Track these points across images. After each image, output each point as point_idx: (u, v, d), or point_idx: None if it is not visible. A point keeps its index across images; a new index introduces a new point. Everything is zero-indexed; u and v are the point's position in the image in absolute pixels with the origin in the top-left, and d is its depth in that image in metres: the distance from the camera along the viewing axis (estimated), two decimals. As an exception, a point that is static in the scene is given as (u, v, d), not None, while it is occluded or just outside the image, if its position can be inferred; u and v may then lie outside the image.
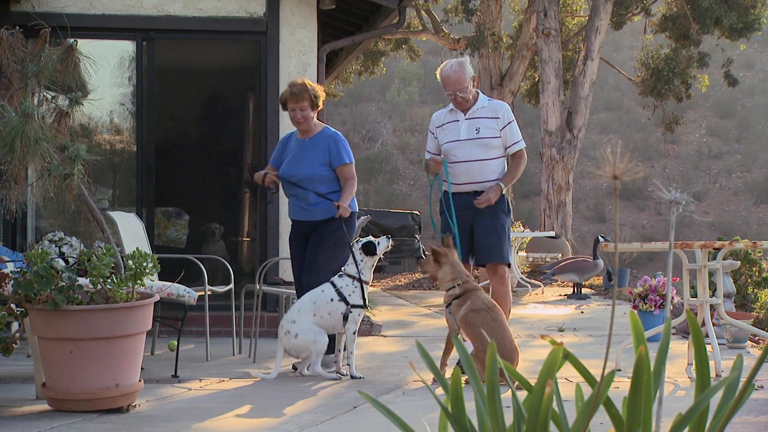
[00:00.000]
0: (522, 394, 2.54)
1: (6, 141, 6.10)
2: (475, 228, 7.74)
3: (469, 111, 7.80)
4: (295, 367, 7.65)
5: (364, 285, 7.53)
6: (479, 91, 7.92)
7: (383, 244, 7.73)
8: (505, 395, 2.53)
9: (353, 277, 7.52)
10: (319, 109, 8.11)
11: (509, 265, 7.88)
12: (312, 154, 7.98)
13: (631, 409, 2.35)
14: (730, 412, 2.33)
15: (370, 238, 7.78)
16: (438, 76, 7.91)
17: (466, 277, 7.19)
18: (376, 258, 7.71)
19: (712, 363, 6.73)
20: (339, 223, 7.83)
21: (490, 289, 7.79)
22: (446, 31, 25.51)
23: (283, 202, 9.28)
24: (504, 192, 7.75)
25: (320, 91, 8.04)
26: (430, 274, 7.42)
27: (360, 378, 7.30)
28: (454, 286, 7.12)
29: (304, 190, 7.90)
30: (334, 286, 7.50)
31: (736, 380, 2.45)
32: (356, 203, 8.31)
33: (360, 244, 7.69)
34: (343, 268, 7.61)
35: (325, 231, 7.91)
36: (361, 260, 7.59)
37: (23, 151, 6.08)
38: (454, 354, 7.03)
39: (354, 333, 7.44)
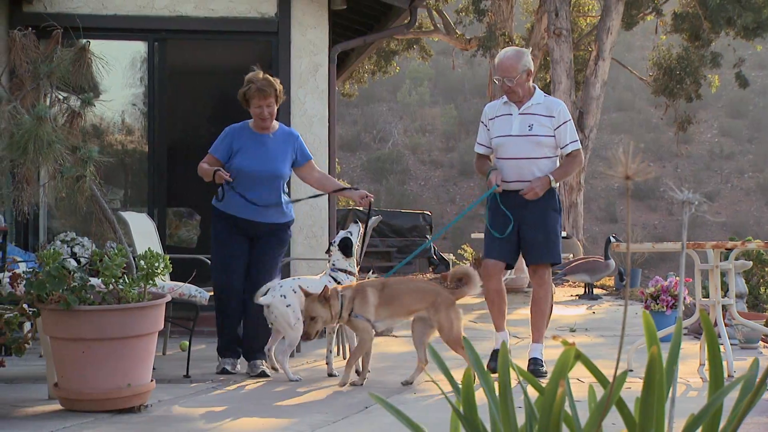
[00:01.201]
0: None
1: (20, 144, 6.11)
2: (522, 227, 7.54)
3: (523, 106, 7.59)
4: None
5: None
6: (536, 86, 7.76)
7: (354, 232, 7.73)
8: (518, 396, 2.53)
9: (347, 272, 7.57)
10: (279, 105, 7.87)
11: (554, 265, 7.78)
12: (279, 151, 7.76)
13: (644, 410, 2.34)
14: (743, 411, 2.33)
15: (342, 233, 7.73)
16: (495, 62, 7.82)
17: (336, 288, 7.07)
18: (356, 249, 7.67)
19: (724, 363, 6.72)
20: (286, 227, 7.83)
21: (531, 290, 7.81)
22: (457, 31, 25.49)
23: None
24: (554, 186, 7.54)
25: (280, 86, 7.78)
26: (324, 328, 7.23)
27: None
28: (342, 296, 6.95)
29: (267, 191, 7.63)
30: (335, 279, 7.48)
31: (752, 380, 2.44)
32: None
33: (336, 244, 7.67)
34: (332, 263, 7.63)
35: (278, 233, 7.76)
36: (341, 257, 7.62)
37: (36, 154, 6.10)
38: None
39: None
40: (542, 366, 7.54)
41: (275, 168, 7.66)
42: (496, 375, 2.55)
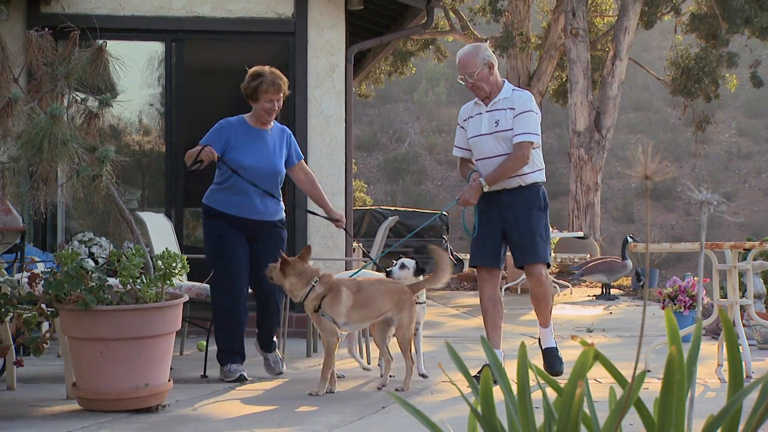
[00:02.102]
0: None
1: (34, 142, 6.12)
2: (507, 228, 7.19)
3: (490, 103, 7.25)
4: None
5: None
6: (505, 81, 7.40)
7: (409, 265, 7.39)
8: (535, 396, 2.52)
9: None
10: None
11: (548, 265, 7.29)
12: (277, 147, 7.56)
13: (663, 411, 2.33)
14: (763, 413, 2.32)
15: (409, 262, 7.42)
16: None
17: (319, 273, 6.71)
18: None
19: (742, 364, 6.71)
20: (283, 224, 7.68)
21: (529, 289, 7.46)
22: (474, 31, 25.47)
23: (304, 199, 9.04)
24: (538, 181, 7.23)
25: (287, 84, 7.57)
26: (278, 283, 6.82)
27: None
28: (313, 286, 6.62)
29: (266, 189, 7.41)
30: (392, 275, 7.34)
31: (771, 381, 2.42)
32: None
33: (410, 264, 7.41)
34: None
35: (276, 230, 7.56)
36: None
37: (51, 152, 6.11)
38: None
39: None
40: (557, 353, 7.44)
41: (275, 164, 7.48)
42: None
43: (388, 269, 7.39)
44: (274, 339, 7.68)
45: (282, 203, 7.64)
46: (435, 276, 6.91)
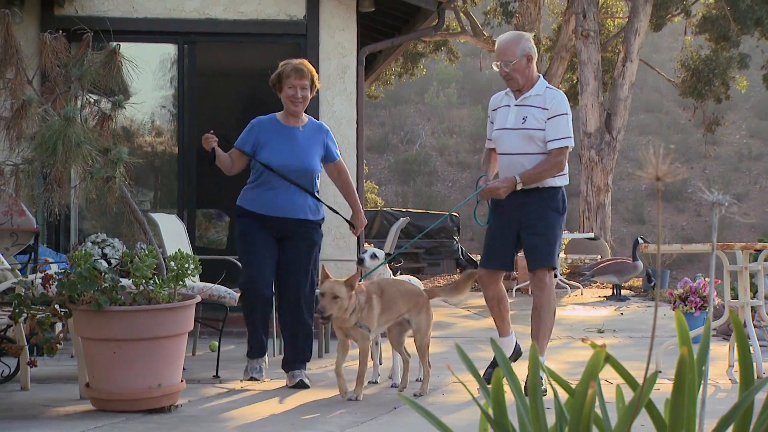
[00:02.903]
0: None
1: (48, 144, 6.14)
2: (522, 231, 6.87)
3: (521, 97, 6.87)
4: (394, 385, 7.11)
5: None
6: (540, 76, 6.97)
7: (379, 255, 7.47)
8: (547, 397, 2.52)
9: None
10: (312, 96, 7.43)
11: (553, 269, 6.92)
12: (311, 144, 7.27)
13: (674, 412, 2.33)
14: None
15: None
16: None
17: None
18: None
19: (753, 365, 6.69)
20: (317, 225, 7.36)
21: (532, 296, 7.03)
22: (485, 33, 25.46)
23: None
24: (561, 185, 6.88)
25: (317, 74, 7.34)
26: (341, 313, 6.29)
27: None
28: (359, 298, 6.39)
29: (298, 188, 7.15)
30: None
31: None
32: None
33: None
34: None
35: (308, 232, 7.25)
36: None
37: (65, 154, 6.12)
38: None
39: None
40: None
41: (306, 162, 7.18)
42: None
43: (359, 257, 7.46)
44: (308, 353, 7.28)
45: (317, 204, 7.32)
46: (453, 290, 6.90)
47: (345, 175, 7.55)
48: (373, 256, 7.38)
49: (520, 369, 4.78)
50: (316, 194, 7.29)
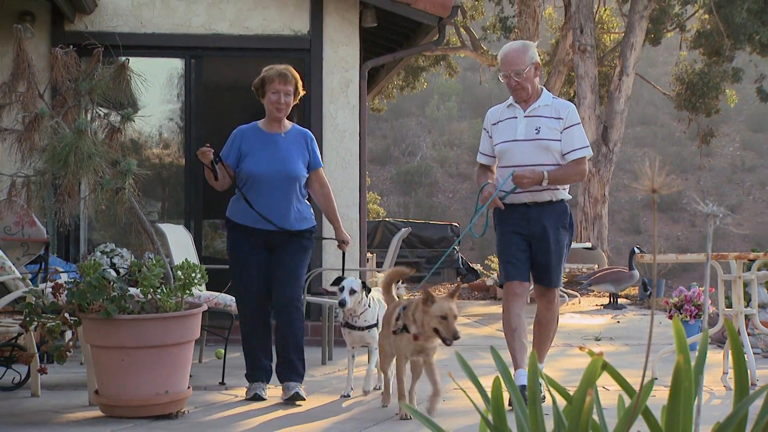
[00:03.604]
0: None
1: (60, 156, 6.15)
2: (534, 245, 6.55)
3: (529, 108, 6.58)
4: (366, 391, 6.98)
5: (339, 310, 6.91)
6: (543, 88, 6.74)
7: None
8: (545, 404, 2.52)
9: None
10: (295, 103, 7.01)
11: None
12: (293, 150, 6.81)
13: (671, 418, 2.32)
14: (768, 421, 2.31)
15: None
16: (498, 58, 6.77)
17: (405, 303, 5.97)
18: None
19: (747, 372, 6.69)
20: (308, 234, 6.87)
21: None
22: (484, 47, 25.48)
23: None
24: (566, 198, 6.62)
25: (300, 80, 6.96)
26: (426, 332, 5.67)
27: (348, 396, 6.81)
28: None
29: (281, 195, 6.70)
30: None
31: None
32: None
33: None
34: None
35: (298, 240, 6.77)
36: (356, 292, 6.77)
37: (77, 165, 6.13)
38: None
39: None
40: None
41: (288, 169, 6.72)
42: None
43: (338, 300, 6.74)
44: (297, 369, 6.78)
45: (308, 212, 6.89)
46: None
47: (327, 189, 7.03)
48: (352, 292, 6.72)
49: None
50: (306, 201, 6.89)
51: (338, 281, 6.81)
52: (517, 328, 6.46)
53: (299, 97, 6.97)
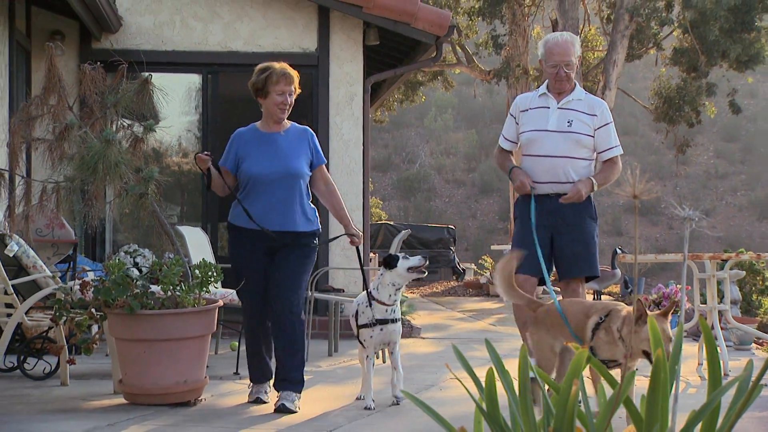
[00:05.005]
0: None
1: (90, 164, 6.15)
2: (558, 237, 6.01)
3: (563, 99, 6.11)
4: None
5: (373, 302, 5.96)
6: (576, 82, 6.24)
7: (412, 261, 5.91)
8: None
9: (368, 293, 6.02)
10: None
11: (595, 277, 6.16)
12: (294, 148, 6.13)
13: (650, 407, 2.33)
14: (741, 408, 2.31)
15: (399, 254, 6.06)
16: (541, 48, 6.21)
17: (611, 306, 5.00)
18: (397, 275, 5.91)
19: (720, 363, 6.69)
20: (311, 236, 6.16)
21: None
22: (477, 63, 25.49)
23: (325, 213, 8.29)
24: (595, 190, 6.06)
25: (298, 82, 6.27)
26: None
27: (368, 407, 5.86)
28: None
29: (287, 196, 6.04)
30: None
31: (748, 379, 2.42)
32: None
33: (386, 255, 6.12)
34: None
35: (301, 244, 6.07)
36: (381, 273, 6.02)
37: (104, 172, 6.14)
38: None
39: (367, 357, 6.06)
40: None
41: (289, 166, 6.04)
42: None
43: (414, 264, 5.93)
44: (292, 379, 6.01)
45: (313, 213, 6.19)
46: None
47: (332, 186, 6.32)
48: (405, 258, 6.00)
49: (512, 366, 4.79)
50: (310, 203, 6.20)
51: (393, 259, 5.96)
52: (526, 323, 5.88)
53: (297, 94, 6.29)
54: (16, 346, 7.17)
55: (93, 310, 6.03)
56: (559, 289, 6.39)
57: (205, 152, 6.22)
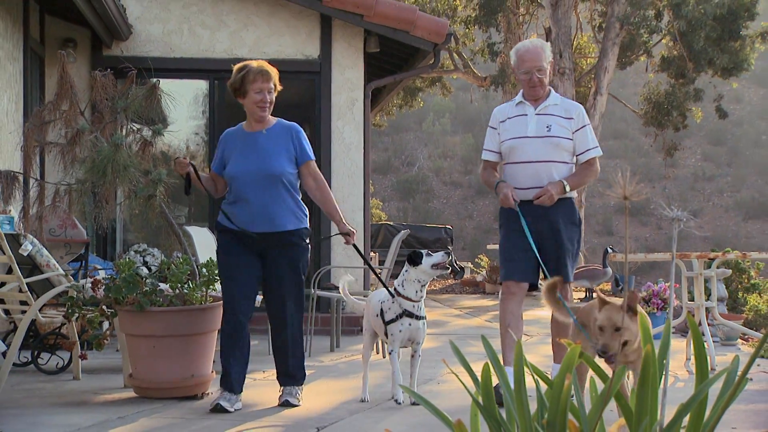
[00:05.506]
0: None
1: (99, 167, 6.15)
2: (543, 242, 5.82)
3: (540, 105, 5.98)
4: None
5: (399, 298, 5.78)
6: (551, 88, 6.11)
7: (435, 258, 5.74)
8: (528, 387, 2.51)
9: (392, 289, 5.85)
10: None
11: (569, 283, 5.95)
12: (276, 147, 5.77)
13: (640, 400, 2.32)
14: (727, 401, 2.31)
15: (422, 251, 5.80)
16: (513, 57, 6.06)
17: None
18: (422, 272, 5.73)
19: (707, 358, 6.67)
20: (301, 235, 5.81)
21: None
22: (474, 70, 25.49)
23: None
24: (572, 196, 5.96)
25: (278, 79, 6.00)
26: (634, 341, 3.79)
27: (399, 404, 5.74)
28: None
29: (270, 196, 5.70)
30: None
31: (734, 373, 2.42)
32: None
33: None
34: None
35: (291, 244, 5.75)
36: (406, 270, 5.79)
37: (114, 175, 6.13)
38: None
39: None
40: None
41: (269, 166, 5.69)
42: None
43: (439, 260, 5.75)
44: (296, 378, 5.92)
45: (300, 211, 5.85)
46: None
47: (322, 182, 5.90)
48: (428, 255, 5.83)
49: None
50: (299, 200, 5.86)
51: (418, 256, 5.77)
52: (510, 326, 5.81)
53: (277, 91, 5.98)
54: (30, 342, 7.17)
55: (104, 307, 6.03)
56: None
57: (184, 157, 5.93)
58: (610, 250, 15.31)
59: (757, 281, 12.59)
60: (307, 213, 5.91)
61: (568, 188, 5.84)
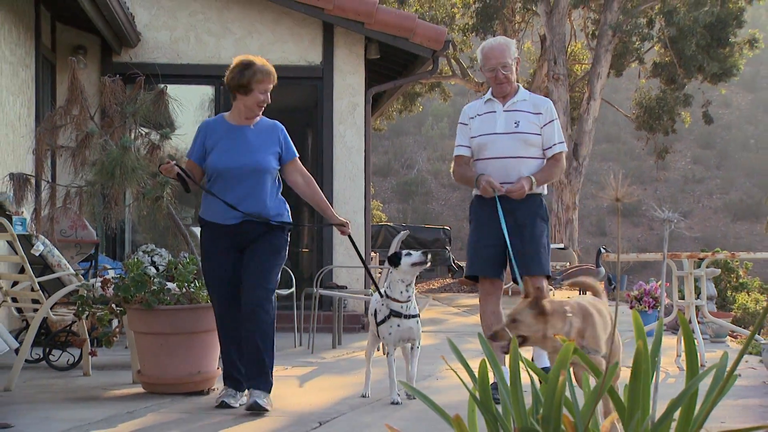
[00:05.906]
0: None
1: (108, 169, 6.15)
2: (511, 237, 5.57)
3: (507, 102, 5.81)
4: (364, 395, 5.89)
5: (387, 300, 5.68)
6: (519, 84, 5.93)
7: (414, 257, 5.59)
8: (524, 382, 2.51)
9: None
10: None
11: (548, 277, 5.75)
12: (264, 143, 5.54)
13: (632, 395, 2.32)
14: (717, 396, 2.30)
15: (401, 251, 5.67)
16: (479, 56, 5.92)
17: (567, 304, 3.92)
18: (403, 272, 5.59)
19: (697, 355, 6.66)
20: (281, 230, 5.55)
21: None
22: (471, 75, 25.48)
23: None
24: (541, 192, 5.82)
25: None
26: (534, 336, 3.70)
27: (397, 404, 5.58)
28: (570, 324, 3.76)
29: (254, 190, 5.44)
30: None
31: (723, 369, 2.42)
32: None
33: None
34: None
35: (270, 237, 5.49)
36: (390, 271, 5.75)
37: (122, 177, 6.14)
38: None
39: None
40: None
41: (257, 161, 5.45)
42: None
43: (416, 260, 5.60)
44: (262, 377, 5.43)
45: (279, 204, 5.57)
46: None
47: (309, 178, 5.72)
48: (407, 255, 5.66)
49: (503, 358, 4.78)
50: (279, 196, 5.63)
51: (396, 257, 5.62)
52: (491, 326, 5.56)
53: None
54: (42, 339, 7.17)
55: (113, 305, 6.03)
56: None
57: (167, 161, 5.52)
58: (603, 250, 15.29)
59: (746, 280, 12.60)
60: (288, 209, 5.65)
61: (535, 185, 5.67)
